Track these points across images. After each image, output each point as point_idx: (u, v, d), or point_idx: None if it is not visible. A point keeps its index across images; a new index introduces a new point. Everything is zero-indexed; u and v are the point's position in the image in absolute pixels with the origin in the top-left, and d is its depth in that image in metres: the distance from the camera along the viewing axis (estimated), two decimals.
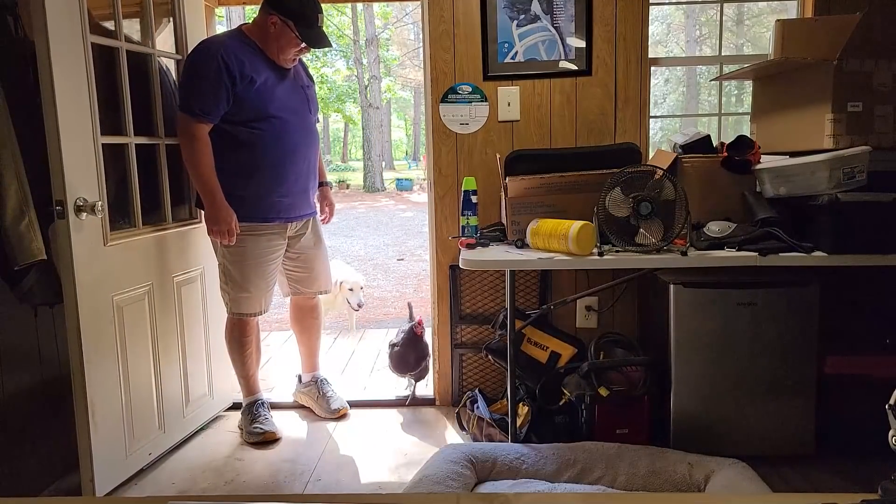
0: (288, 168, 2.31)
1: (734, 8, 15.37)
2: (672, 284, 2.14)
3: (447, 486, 1.77)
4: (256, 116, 2.22)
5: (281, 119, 2.26)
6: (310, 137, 2.39)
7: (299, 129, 2.33)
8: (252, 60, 2.19)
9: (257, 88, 2.19)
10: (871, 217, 1.84)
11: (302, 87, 2.38)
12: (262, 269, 2.36)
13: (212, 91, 2.12)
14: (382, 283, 6.69)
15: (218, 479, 2.18)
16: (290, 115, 2.29)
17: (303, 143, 2.35)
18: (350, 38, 19.43)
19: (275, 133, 2.25)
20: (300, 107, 2.35)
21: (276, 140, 2.26)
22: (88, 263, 1.92)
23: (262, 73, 2.20)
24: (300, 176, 2.36)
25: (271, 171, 2.28)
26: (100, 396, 1.98)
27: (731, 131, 9.39)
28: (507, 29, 2.53)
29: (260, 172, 2.27)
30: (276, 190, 2.31)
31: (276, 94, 2.24)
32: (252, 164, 2.26)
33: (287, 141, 2.28)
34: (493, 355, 2.39)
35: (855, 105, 1.95)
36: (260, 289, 2.38)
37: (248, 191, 2.27)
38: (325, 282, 2.66)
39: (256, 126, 2.23)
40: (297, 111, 2.33)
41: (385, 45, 20.48)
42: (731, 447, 2.07)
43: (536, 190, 2.15)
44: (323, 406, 2.64)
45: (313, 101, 2.45)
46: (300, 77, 2.39)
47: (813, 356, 2.13)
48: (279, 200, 2.32)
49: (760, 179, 2.09)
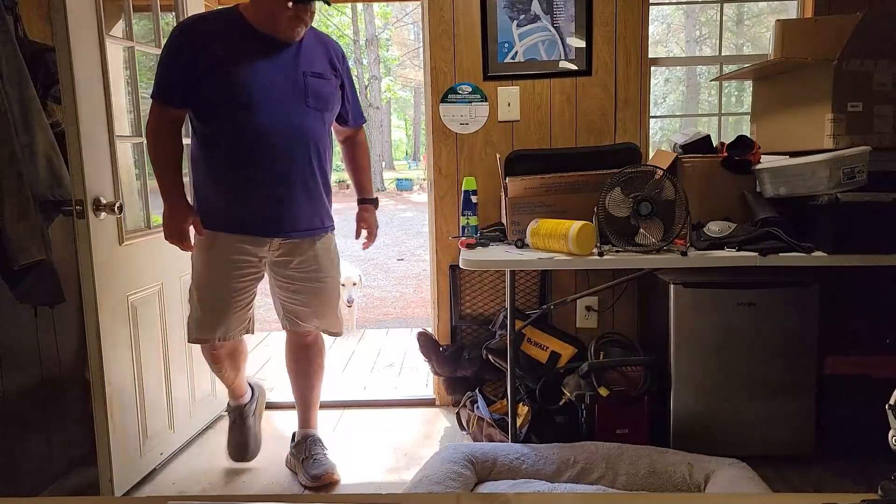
0: (259, 171, 1.87)
1: (734, 8, 15.36)
2: (672, 284, 2.14)
3: (447, 486, 1.77)
4: (219, 104, 1.84)
5: (250, 109, 1.82)
6: (306, 136, 1.91)
7: (282, 123, 1.86)
8: (226, 38, 1.83)
9: (225, 70, 1.81)
10: (871, 217, 1.83)
11: (303, 75, 1.90)
12: (218, 288, 1.95)
13: (168, 70, 1.84)
14: (382, 283, 6.69)
15: (218, 479, 2.18)
16: (268, 106, 1.84)
17: (288, 142, 1.88)
18: (350, 38, 19.44)
19: (240, 126, 1.84)
20: (288, 97, 1.88)
21: (240, 135, 1.84)
22: (106, 263, 1.95)
23: (235, 54, 1.82)
24: (283, 183, 1.90)
25: (234, 172, 1.88)
26: (117, 396, 2.00)
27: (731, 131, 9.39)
28: (507, 29, 2.53)
29: (220, 173, 1.91)
30: (240, 196, 1.90)
31: (252, 78, 1.83)
32: (212, 163, 1.91)
33: (256, 137, 1.85)
34: (493, 355, 2.38)
35: (855, 105, 1.95)
36: (213, 312, 1.96)
37: (210, 194, 1.93)
38: (330, 320, 2.15)
39: (219, 116, 1.85)
40: (283, 102, 1.87)
41: (385, 45, 20.49)
42: (731, 447, 2.07)
43: (536, 190, 2.15)
44: (305, 469, 2.12)
45: (324, 95, 1.97)
46: (309, 63, 1.93)
47: (813, 356, 2.13)
48: (245, 210, 1.91)
49: (760, 179, 2.09)
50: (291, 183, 1.91)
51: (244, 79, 1.82)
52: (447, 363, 2.55)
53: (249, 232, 1.93)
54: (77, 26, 1.83)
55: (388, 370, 3.35)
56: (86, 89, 1.87)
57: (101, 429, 1.95)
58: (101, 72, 1.96)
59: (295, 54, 1.90)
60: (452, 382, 2.59)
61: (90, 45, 1.91)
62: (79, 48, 1.83)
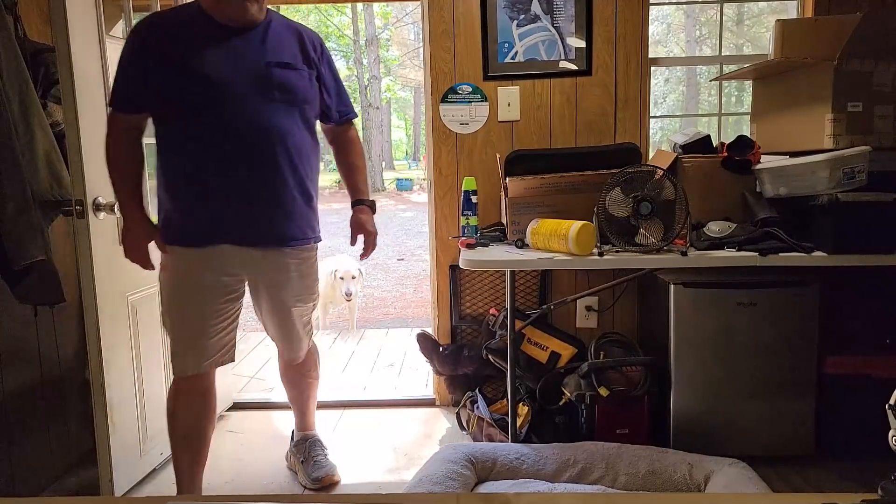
0: (219, 176, 1.68)
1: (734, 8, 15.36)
2: (672, 284, 2.14)
3: (447, 486, 1.77)
4: (173, 105, 1.67)
5: (205, 108, 1.64)
6: (274, 134, 1.70)
7: (244, 121, 1.66)
8: (182, 33, 1.67)
9: (178, 67, 1.64)
10: (871, 217, 1.84)
11: (267, 66, 1.69)
12: (184, 310, 1.75)
13: (121, 74, 1.69)
14: (382, 283, 6.69)
15: (218, 479, 2.18)
16: (227, 103, 1.64)
17: (252, 142, 1.68)
18: (350, 38, 19.44)
19: (196, 127, 1.66)
20: (251, 92, 1.67)
21: (196, 137, 1.66)
22: (106, 263, 1.95)
23: (189, 48, 1.65)
24: (245, 188, 1.69)
25: (190, 178, 1.69)
26: (118, 396, 2.00)
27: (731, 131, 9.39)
28: (507, 29, 2.53)
29: (177, 181, 1.72)
30: (196, 206, 1.70)
31: (206, 73, 1.63)
32: (169, 170, 1.73)
33: (214, 138, 1.65)
34: (493, 355, 2.39)
35: (855, 105, 1.95)
36: (181, 338, 1.77)
37: (170, 205, 1.74)
38: (292, 346, 1.98)
39: (174, 118, 1.68)
40: (245, 97, 1.66)
41: (385, 45, 20.49)
42: (731, 447, 2.07)
43: (536, 190, 2.15)
44: (306, 471, 2.09)
45: (294, 87, 1.74)
46: (275, 52, 1.72)
47: (813, 356, 2.13)
48: (202, 220, 1.71)
49: (760, 179, 2.09)
50: (257, 188, 1.71)
51: (197, 74, 1.63)
52: (448, 362, 2.55)
53: (206, 243, 1.72)
54: (77, 26, 1.83)
55: (388, 370, 3.35)
56: (86, 89, 1.87)
57: (101, 429, 1.95)
58: (101, 72, 1.96)
59: (259, 43, 1.71)
60: (454, 381, 2.59)
61: (90, 45, 1.91)
62: (79, 48, 1.83)
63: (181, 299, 1.75)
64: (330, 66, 1.90)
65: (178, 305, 1.76)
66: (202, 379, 1.82)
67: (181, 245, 1.73)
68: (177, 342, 1.78)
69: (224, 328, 1.81)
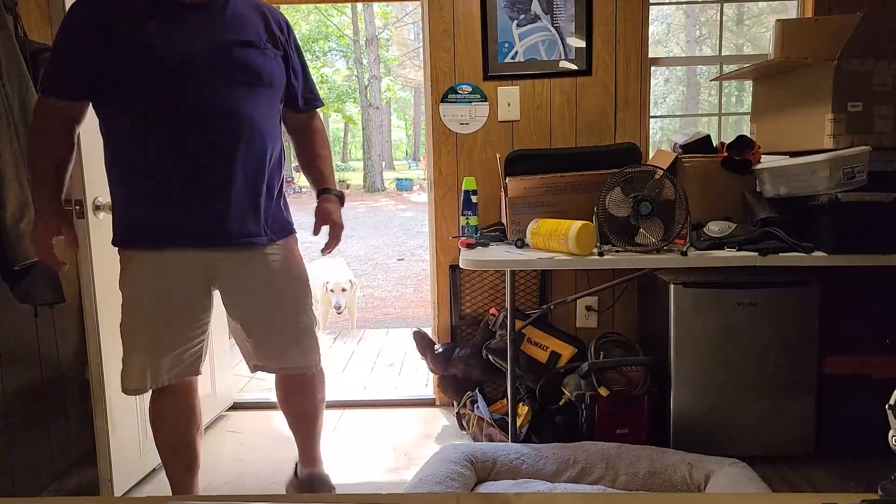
0: (165, 164, 1.49)
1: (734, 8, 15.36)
2: (672, 284, 2.14)
3: (447, 486, 1.77)
4: (120, 89, 1.48)
5: (157, 89, 1.46)
6: (237, 118, 1.52)
7: (201, 104, 1.48)
8: (130, 8, 1.47)
9: (125, 45, 1.45)
10: (871, 217, 1.84)
11: (227, 44, 1.51)
12: (139, 319, 1.58)
13: (58, 55, 1.52)
14: (382, 283, 6.69)
15: (218, 479, 2.18)
16: (181, 84, 1.46)
17: (211, 127, 1.49)
18: (350, 38, 19.45)
19: (146, 111, 1.47)
20: (208, 72, 1.48)
21: (146, 122, 1.48)
22: (106, 263, 1.94)
23: (137, 25, 1.46)
24: (204, 178, 1.51)
25: (136, 169, 1.52)
26: (118, 396, 1.98)
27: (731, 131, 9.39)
28: (507, 29, 2.53)
29: (122, 171, 1.55)
30: (144, 199, 1.53)
31: (157, 51, 1.45)
32: (114, 160, 1.57)
33: (167, 122, 1.47)
34: (493, 355, 2.39)
35: (855, 105, 1.95)
36: (134, 349, 1.60)
37: (120, 202, 1.59)
38: (295, 355, 1.72)
39: (122, 103, 1.50)
40: (202, 78, 1.48)
41: (385, 45, 20.49)
42: (731, 447, 2.07)
43: (536, 190, 2.15)
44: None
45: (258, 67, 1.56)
46: (236, 30, 1.55)
47: (813, 356, 2.13)
48: (154, 217, 1.54)
49: (760, 179, 2.09)
50: (221, 181, 1.53)
51: (148, 54, 1.45)
52: (439, 361, 2.57)
53: (165, 245, 1.55)
54: None
55: (388, 370, 3.35)
56: None
57: (101, 429, 1.95)
58: None
59: (217, 20, 1.53)
60: (444, 381, 2.60)
61: None
62: None
63: (138, 308, 1.58)
64: (297, 49, 1.73)
65: (129, 315, 1.59)
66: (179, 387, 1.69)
67: (138, 248, 1.57)
68: (125, 352, 1.61)
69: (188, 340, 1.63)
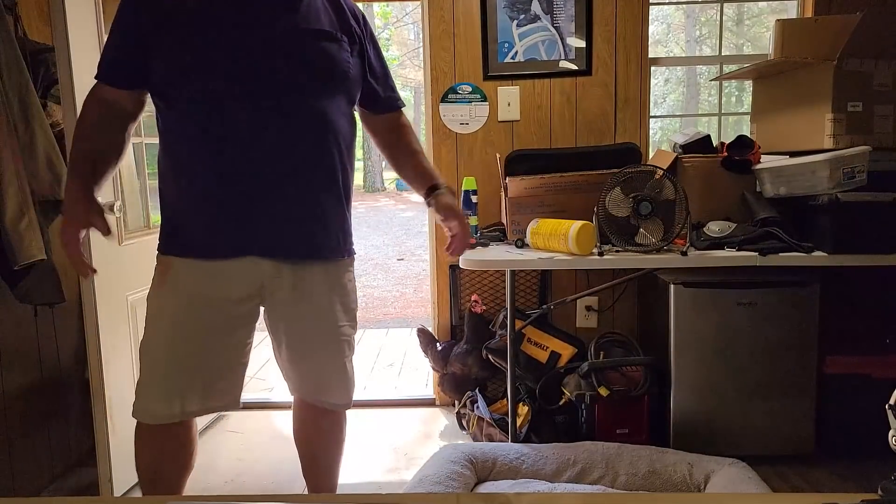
0: (234, 164, 1.31)
1: (734, 8, 15.36)
2: (672, 284, 2.14)
3: (447, 486, 1.77)
4: (176, 79, 1.29)
5: (220, 84, 1.28)
6: (311, 121, 1.35)
7: (275, 98, 1.30)
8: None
9: (183, 31, 1.28)
10: (871, 217, 1.84)
11: (301, 34, 1.33)
12: (172, 337, 1.35)
13: (116, 37, 1.34)
14: (382, 283, 6.69)
15: (218, 479, 2.18)
16: (252, 74, 1.28)
17: (282, 131, 1.32)
18: None
19: (206, 100, 1.28)
20: (280, 66, 1.30)
21: (204, 113, 1.29)
22: (106, 263, 1.94)
23: (200, 6, 1.29)
24: (278, 182, 1.33)
25: (201, 168, 1.32)
26: (117, 396, 1.99)
27: (731, 131, 9.38)
28: (507, 29, 2.53)
29: (183, 170, 1.35)
30: (207, 202, 1.33)
31: (220, 40, 1.28)
32: (174, 157, 1.37)
33: (231, 122, 1.29)
34: (493, 355, 2.39)
35: (855, 105, 1.95)
36: (164, 371, 1.36)
37: (176, 203, 1.38)
38: (335, 390, 1.51)
39: (179, 96, 1.31)
40: (274, 69, 1.30)
41: (385, 45, 20.49)
42: (731, 447, 2.07)
43: (536, 190, 2.15)
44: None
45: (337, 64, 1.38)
46: (309, 18, 1.35)
47: (813, 356, 2.13)
48: (217, 222, 1.34)
49: (760, 179, 2.09)
50: (298, 186, 1.36)
51: (218, 38, 1.27)
52: (439, 359, 2.58)
53: (229, 254, 1.35)
54: (77, 26, 1.83)
55: (388, 370, 3.35)
56: (85, 89, 1.85)
57: (101, 429, 1.94)
58: None
59: (293, 7, 1.33)
60: (443, 379, 2.61)
61: (90, 45, 1.91)
62: (79, 48, 1.83)
63: (177, 322, 1.35)
64: (374, 44, 1.52)
65: (159, 333, 1.36)
66: (187, 426, 1.44)
67: (194, 257, 1.35)
68: (145, 375, 1.37)
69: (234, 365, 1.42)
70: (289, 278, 1.39)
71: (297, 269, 1.40)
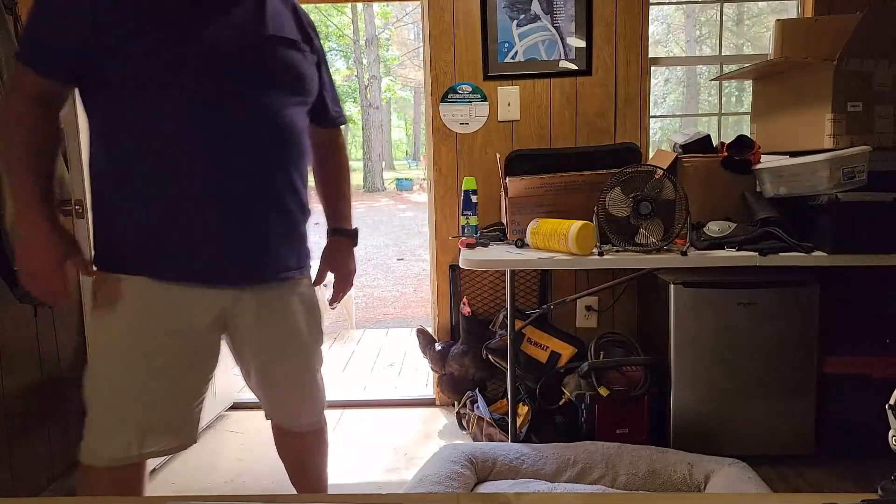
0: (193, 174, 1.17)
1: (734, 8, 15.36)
2: (672, 284, 2.14)
3: (447, 486, 1.77)
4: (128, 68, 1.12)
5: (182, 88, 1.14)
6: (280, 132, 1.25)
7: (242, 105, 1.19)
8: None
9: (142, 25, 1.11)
10: (871, 217, 1.84)
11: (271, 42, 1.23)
12: (128, 371, 1.20)
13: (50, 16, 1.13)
14: (382, 283, 6.69)
15: (218, 479, 2.18)
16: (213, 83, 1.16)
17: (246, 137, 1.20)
18: (350, 37, 19.45)
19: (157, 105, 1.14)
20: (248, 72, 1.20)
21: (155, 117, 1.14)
22: None
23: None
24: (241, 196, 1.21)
25: (141, 176, 1.16)
26: None
27: (731, 131, 9.39)
28: (507, 29, 2.53)
29: (116, 176, 1.18)
30: (151, 212, 1.18)
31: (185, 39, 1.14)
32: (106, 161, 1.20)
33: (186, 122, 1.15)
34: (493, 355, 2.39)
35: (855, 105, 1.95)
36: (117, 410, 1.21)
37: (122, 218, 1.20)
38: (308, 412, 1.46)
39: (125, 88, 1.13)
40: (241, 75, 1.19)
41: (385, 45, 20.49)
42: (731, 447, 2.07)
43: (536, 190, 2.15)
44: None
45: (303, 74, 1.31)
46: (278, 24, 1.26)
47: (813, 356, 2.13)
48: (160, 234, 1.18)
49: (760, 179, 2.09)
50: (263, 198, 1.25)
51: (176, 36, 1.13)
52: (437, 360, 2.58)
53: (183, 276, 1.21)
54: None
55: (388, 370, 3.35)
56: None
57: None
58: None
59: (256, 10, 1.23)
60: (442, 380, 2.61)
61: None
62: None
63: (129, 356, 1.20)
64: (323, 56, 1.45)
65: (130, 364, 1.20)
66: (141, 467, 1.31)
67: (145, 276, 1.19)
68: (93, 412, 1.21)
69: (193, 399, 1.29)
70: (252, 303, 1.29)
71: (260, 293, 1.30)
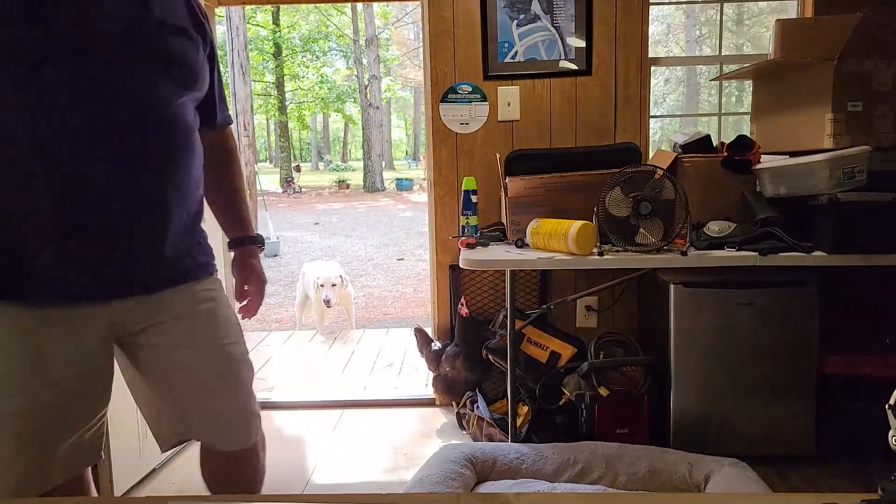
0: (52, 184, 1.02)
1: (734, 8, 15.37)
2: (672, 284, 2.14)
3: (447, 486, 1.77)
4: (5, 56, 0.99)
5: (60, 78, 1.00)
6: (168, 127, 1.12)
7: (125, 99, 1.06)
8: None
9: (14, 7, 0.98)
10: (871, 217, 1.84)
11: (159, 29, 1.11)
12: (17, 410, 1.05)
13: None
14: (382, 283, 6.69)
15: None
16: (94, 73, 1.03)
17: (131, 132, 1.07)
18: (350, 37, 19.46)
19: (23, 96, 0.99)
20: (133, 60, 1.07)
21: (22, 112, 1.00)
22: None
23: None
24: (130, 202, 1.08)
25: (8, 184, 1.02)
26: (117, 396, 1.99)
27: (731, 131, 9.39)
28: (507, 28, 2.53)
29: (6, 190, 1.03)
30: (15, 228, 1.03)
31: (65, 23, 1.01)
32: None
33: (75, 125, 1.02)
34: (493, 355, 2.39)
35: (855, 105, 1.95)
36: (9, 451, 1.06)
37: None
38: (241, 426, 1.30)
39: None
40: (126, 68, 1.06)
41: (385, 45, 20.51)
42: (731, 447, 2.07)
43: (536, 190, 2.15)
44: None
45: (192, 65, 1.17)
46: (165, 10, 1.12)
47: (813, 356, 2.13)
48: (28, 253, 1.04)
49: (760, 179, 2.09)
50: (153, 202, 1.11)
51: (45, 18, 0.99)
52: (433, 360, 2.59)
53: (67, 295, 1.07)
54: None
55: (387, 370, 3.35)
56: None
57: None
58: None
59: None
60: (436, 380, 2.62)
61: None
62: None
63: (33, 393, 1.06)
64: (215, 48, 1.30)
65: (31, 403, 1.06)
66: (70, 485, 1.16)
67: (15, 300, 1.05)
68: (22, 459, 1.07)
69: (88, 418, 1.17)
70: (148, 311, 1.16)
71: (156, 300, 1.16)
